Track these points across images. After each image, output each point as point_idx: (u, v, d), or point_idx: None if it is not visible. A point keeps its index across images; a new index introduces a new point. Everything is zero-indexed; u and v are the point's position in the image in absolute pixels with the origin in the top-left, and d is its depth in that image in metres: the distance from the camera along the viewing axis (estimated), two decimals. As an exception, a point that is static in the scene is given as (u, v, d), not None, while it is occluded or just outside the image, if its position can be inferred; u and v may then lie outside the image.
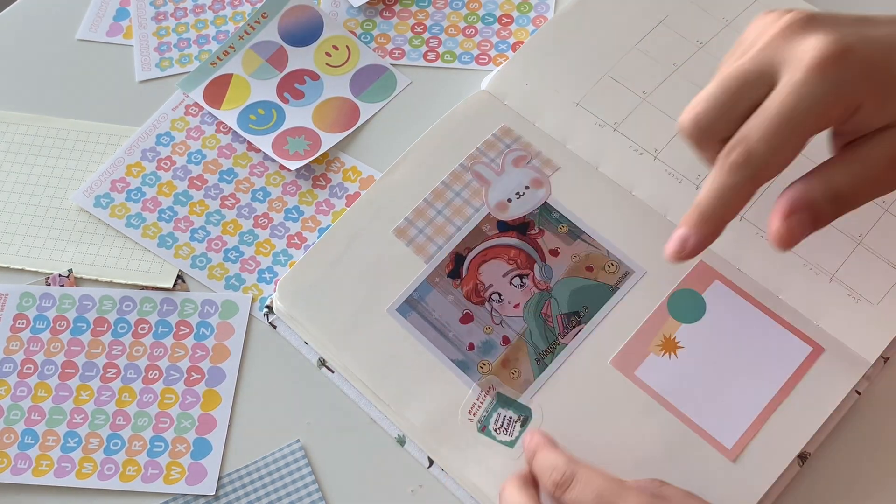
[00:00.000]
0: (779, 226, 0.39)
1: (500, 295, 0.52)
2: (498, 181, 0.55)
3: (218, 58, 0.63)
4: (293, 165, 0.58)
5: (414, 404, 0.50)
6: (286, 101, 0.61)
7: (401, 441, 0.52)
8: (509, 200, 0.54)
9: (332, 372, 0.54)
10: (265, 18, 0.63)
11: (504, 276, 0.52)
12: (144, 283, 0.55)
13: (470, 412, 0.49)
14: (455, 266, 0.53)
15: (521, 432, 0.49)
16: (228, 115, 0.61)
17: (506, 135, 0.56)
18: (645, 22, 0.59)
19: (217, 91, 0.62)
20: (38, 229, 0.58)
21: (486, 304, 0.52)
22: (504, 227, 0.53)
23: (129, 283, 0.55)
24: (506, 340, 0.51)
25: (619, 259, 0.52)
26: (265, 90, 0.62)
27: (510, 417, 0.49)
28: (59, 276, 0.55)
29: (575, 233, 0.53)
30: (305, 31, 0.63)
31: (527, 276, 0.52)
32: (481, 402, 0.49)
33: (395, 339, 0.51)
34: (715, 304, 0.51)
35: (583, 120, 0.56)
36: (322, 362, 0.54)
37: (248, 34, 0.63)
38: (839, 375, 0.48)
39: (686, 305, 0.51)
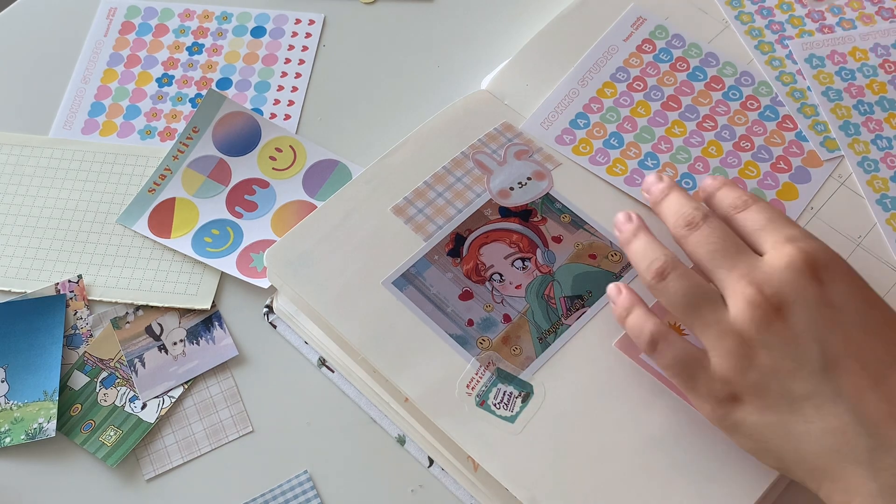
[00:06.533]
0: None
1: (501, 275, 0.50)
2: (500, 170, 0.54)
3: (155, 183, 0.58)
4: (265, 283, 0.54)
5: (409, 375, 0.47)
6: (239, 215, 0.57)
7: (401, 441, 0.50)
8: (511, 189, 0.53)
9: (333, 371, 0.52)
10: (196, 133, 0.59)
11: (506, 258, 0.51)
12: (181, 305, 0.54)
13: (468, 386, 0.47)
14: (455, 246, 0.51)
15: (521, 408, 0.46)
16: (181, 243, 0.56)
17: (507, 129, 0.56)
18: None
19: (162, 218, 0.57)
20: (85, 245, 0.57)
21: (487, 283, 0.50)
22: (506, 212, 0.52)
23: (165, 305, 0.54)
24: (507, 318, 0.49)
25: (622, 250, 0.51)
26: (214, 208, 0.57)
27: (511, 393, 0.47)
28: (69, 281, 0.54)
29: (577, 222, 0.52)
30: (243, 139, 0.59)
31: (529, 259, 0.51)
32: (480, 377, 0.47)
33: (390, 311, 0.49)
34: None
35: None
36: (322, 362, 0.52)
37: (182, 152, 0.58)
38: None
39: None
